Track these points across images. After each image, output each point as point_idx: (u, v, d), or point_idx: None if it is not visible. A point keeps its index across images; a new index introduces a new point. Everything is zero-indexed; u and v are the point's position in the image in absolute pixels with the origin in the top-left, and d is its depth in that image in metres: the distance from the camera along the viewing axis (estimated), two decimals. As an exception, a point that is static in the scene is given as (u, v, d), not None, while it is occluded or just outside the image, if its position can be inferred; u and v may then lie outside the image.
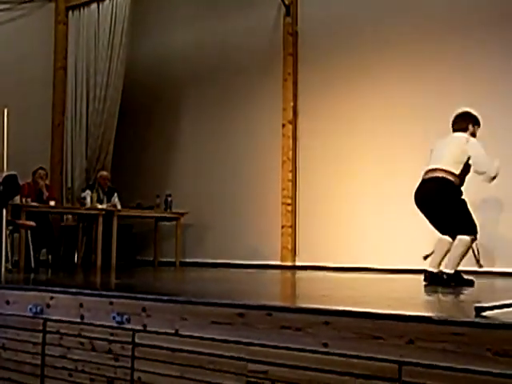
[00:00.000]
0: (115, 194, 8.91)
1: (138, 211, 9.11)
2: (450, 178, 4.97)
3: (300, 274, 7.29)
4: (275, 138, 8.60)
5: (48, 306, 3.80)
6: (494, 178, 5.02)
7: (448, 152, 5.05)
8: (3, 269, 6.16)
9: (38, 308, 3.82)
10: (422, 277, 5.02)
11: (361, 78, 7.95)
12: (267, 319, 2.84)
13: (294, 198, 8.47)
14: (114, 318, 3.41)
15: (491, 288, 5.37)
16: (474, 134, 5.16)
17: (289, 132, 8.52)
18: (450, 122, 5.29)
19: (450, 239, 5.00)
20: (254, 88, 8.93)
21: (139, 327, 3.32)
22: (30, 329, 3.88)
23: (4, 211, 6.35)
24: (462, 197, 5.06)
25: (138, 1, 9.29)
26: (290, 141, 8.51)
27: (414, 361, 2.41)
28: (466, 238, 4.91)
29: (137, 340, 3.34)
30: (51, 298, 3.81)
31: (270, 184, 8.58)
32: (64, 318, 3.71)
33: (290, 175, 8.46)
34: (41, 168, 8.49)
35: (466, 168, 5.03)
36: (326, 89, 8.29)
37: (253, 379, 2.83)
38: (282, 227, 8.45)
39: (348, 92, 8.09)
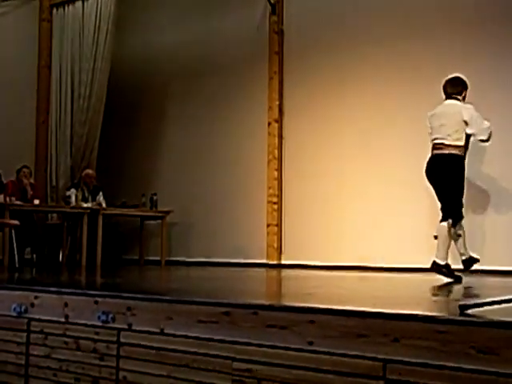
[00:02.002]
0: (100, 193, 8.88)
1: (123, 210, 9.08)
2: (457, 152, 5.36)
3: (286, 272, 7.30)
4: (261, 136, 8.60)
5: (32, 305, 3.78)
6: (488, 139, 5.46)
7: (450, 124, 5.39)
8: (-13, 268, 6.12)
9: (22, 307, 3.79)
10: (407, 275, 5.06)
11: (347, 76, 7.98)
12: (253, 318, 2.84)
13: (279, 196, 8.48)
14: (98, 317, 3.39)
15: (481, 285, 5.40)
16: (465, 97, 5.61)
17: (275, 130, 8.53)
18: (442, 87, 5.64)
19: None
20: (240, 87, 8.92)
21: (124, 326, 3.31)
22: (14, 328, 3.85)
23: (-13, 210, 6.29)
24: (464, 170, 5.43)
25: (123, -1, 9.27)
26: (276, 139, 8.51)
27: (399, 359, 2.42)
28: (445, 225, 5.23)
29: (122, 339, 3.32)
30: (35, 297, 3.78)
31: (256, 182, 8.59)
32: (48, 318, 3.68)
33: (275, 174, 8.47)
34: (25, 166, 8.44)
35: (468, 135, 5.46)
36: (313, 87, 8.30)
37: (238, 378, 2.83)
38: (268, 226, 8.45)
39: (335, 90, 8.11)
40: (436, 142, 5.45)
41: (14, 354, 3.82)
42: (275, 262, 8.32)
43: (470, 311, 2.48)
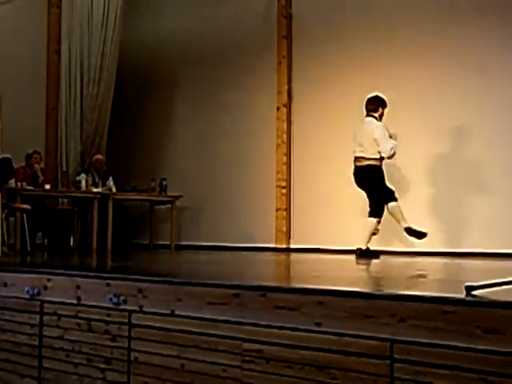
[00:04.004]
0: (110, 178, 8.93)
1: (133, 194, 9.14)
2: (374, 163, 6.44)
3: (294, 256, 7.34)
4: (270, 121, 8.62)
5: (45, 287, 3.84)
6: (390, 157, 6.43)
7: (366, 141, 6.42)
8: (0, 252, 6.19)
9: (35, 290, 3.85)
10: (413, 259, 5.11)
11: (356, 60, 7.96)
12: (262, 299, 2.88)
13: (288, 181, 8.51)
14: (110, 299, 3.44)
15: (489, 268, 5.43)
16: (382, 115, 6.57)
17: (283, 115, 8.54)
18: (364, 105, 6.55)
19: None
20: (249, 71, 8.92)
21: (135, 308, 3.36)
22: (28, 310, 3.91)
23: (-1, 195, 6.36)
24: (383, 175, 6.49)
25: (132, -17, 9.26)
26: (285, 124, 8.53)
27: (406, 339, 2.45)
28: (373, 220, 6.45)
29: (133, 321, 3.37)
30: (48, 280, 3.84)
31: (265, 167, 8.62)
32: (61, 300, 3.74)
33: (284, 158, 8.50)
34: (35, 152, 8.49)
35: None
36: (321, 72, 8.29)
37: (248, 358, 2.88)
38: (277, 210, 8.49)
39: (343, 74, 8.10)
40: (356, 155, 6.49)
41: (27, 335, 3.89)
42: (284, 246, 8.36)
43: (476, 292, 2.51)
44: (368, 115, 6.56)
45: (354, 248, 6.58)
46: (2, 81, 7.78)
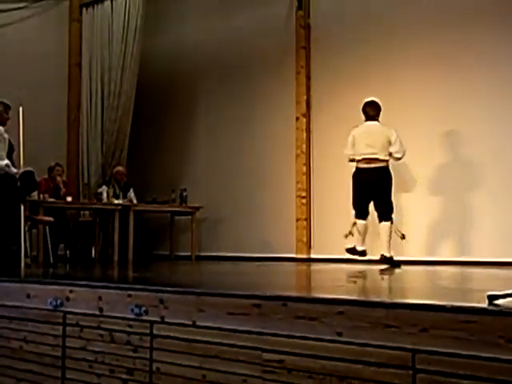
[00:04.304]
0: (131, 189, 8.99)
1: (153, 206, 9.19)
2: (387, 164, 6.53)
3: (315, 266, 7.33)
4: (289, 131, 8.63)
5: (68, 299, 3.87)
6: (401, 158, 6.61)
7: (379, 143, 6.50)
8: (23, 263, 6.25)
9: (58, 301, 3.89)
10: (435, 268, 5.07)
11: (374, 70, 7.95)
12: (282, 309, 2.88)
13: (308, 190, 8.50)
14: (132, 310, 3.46)
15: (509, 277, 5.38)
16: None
17: (302, 125, 8.54)
18: (362, 109, 6.72)
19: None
20: (267, 82, 8.95)
21: (157, 319, 3.37)
22: (51, 322, 3.95)
23: (22, 207, 6.43)
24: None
25: (151, -3, 9.36)
26: (304, 134, 8.53)
27: (428, 349, 2.44)
28: (388, 223, 6.46)
29: (155, 331, 3.39)
30: (70, 291, 3.88)
31: (285, 177, 8.62)
32: (83, 311, 3.77)
33: (304, 168, 8.49)
34: (57, 164, 8.58)
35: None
36: (339, 81, 8.29)
37: (268, 368, 2.88)
38: (297, 220, 8.48)
39: (361, 84, 8.08)
40: (366, 157, 6.49)
41: (50, 346, 3.93)
42: (304, 256, 8.34)
43: (498, 301, 2.49)
44: (372, 119, 6.68)
45: (375, 258, 6.56)
46: (24, 94, 7.88)
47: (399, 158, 6.62)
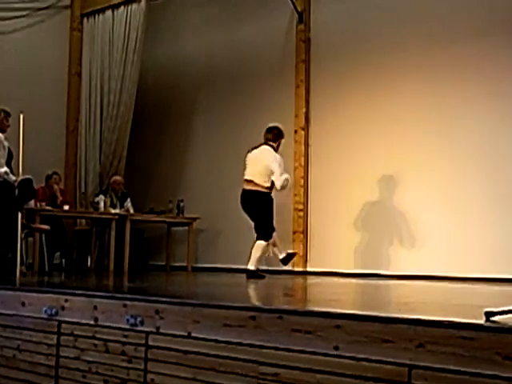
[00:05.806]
0: (128, 199, 8.98)
1: (150, 216, 9.17)
2: (262, 189, 6.69)
3: (311, 279, 7.31)
4: (287, 144, 8.59)
5: (63, 308, 3.86)
6: (282, 188, 6.69)
7: (260, 168, 6.68)
8: (18, 271, 6.23)
9: (53, 310, 3.88)
10: (430, 283, 5.07)
11: (373, 83, 7.98)
12: (278, 322, 2.87)
13: (305, 203, 8.50)
14: (127, 320, 3.45)
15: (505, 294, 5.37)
16: (279, 145, 6.84)
17: (301, 138, 8.56)
18: (263, 134, 6.83)
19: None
20: (267, 94, 8.97)
21: (152, 329, 3.36)
22: (45, 330, 3.93)
23: (19, 215, 6.41)
24: (272, 202, 6.73)
25: (152, 8, 9.38)
26: (302, 147, 8.54)
27: (424, 364, 2.43)
28: (263, 242, 6.59)
29: (150, 342, 3.38)
30: (66, 300, 3.86)
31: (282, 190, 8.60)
32: (78, 320, 3.75)
33: (301, 181, 8.50)
34: (55, 173, 8.58)
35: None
36: (339, 95, 8.32)
37: (264, 381, 2.87)
38: (294, 233, 8.47)
39: (360, 98, 8.12)
40: (246, 178, 6.78)
41: (44, 355, 3.91)
42: (301, 269, 8.32)
43: (495, 318, 2.48)
44: (266, 143, 6.82)
45: (369, 272, 6.57)
46: (24, 102, 7.88)
47: (279, 189, 6.71)
